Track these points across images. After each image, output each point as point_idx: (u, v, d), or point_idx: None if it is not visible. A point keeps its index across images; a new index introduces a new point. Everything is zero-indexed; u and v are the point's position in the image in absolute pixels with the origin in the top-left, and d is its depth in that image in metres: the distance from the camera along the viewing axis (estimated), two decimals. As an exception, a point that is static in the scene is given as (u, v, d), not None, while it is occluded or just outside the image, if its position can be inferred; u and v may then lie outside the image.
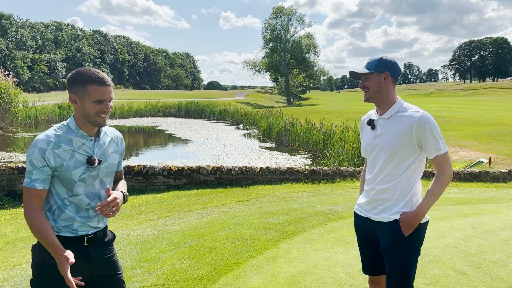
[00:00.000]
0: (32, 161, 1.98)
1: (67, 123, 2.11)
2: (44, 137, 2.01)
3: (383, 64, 2.42)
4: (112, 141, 2.24)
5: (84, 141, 2.09)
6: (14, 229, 7.14)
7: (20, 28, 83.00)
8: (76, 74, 2.06)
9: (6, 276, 4.19)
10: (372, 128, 2.50)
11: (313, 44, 66.29)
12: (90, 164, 2.07)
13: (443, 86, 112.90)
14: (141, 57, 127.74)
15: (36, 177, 1.98)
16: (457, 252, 4.64)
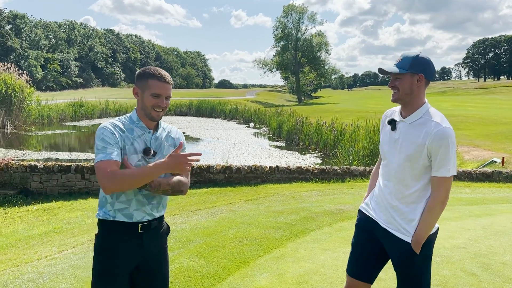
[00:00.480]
0: (104, 138, 2.08)
1: (130, 115, 2.26)
2: (109, 123, 2.15)
3: (419, 64, 2.21)
4: (169, 136, 2.32)
5: (143, 132, 2.20)
6: (26, 227, 7.25)
7: (33, 28, 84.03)
8: (142, 70, 2.23)
9: (18, 273, 4.26)
10: (392, 129, 2.36)
11: (325, 42, 65.98)
12: (146, 154, 2.17)
13: (457, 84, 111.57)
14: (152, 56, 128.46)
15: (111, 151, 2.06)
16: (467, 253, 4.59)
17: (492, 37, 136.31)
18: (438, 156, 2.16)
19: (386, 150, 2.39)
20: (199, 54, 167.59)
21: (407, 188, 2.27)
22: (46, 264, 4.48)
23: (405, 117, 2.30)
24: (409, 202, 2.28)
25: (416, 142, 2.21)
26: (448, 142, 2.15)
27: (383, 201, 2.39)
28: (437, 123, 2.18)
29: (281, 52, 64.86)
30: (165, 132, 2.32)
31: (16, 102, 23.10)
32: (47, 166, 9.57)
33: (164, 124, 2.36)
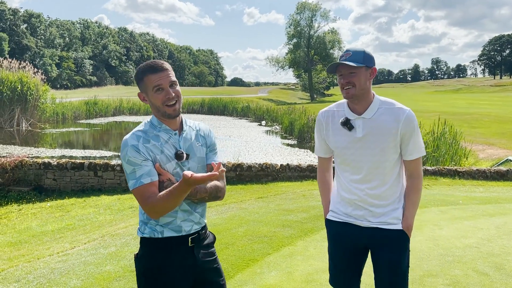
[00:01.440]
0: (129, 160, 1.89)
1: (150, 120, 2.05)
2: (132, 135, 1.95)
3: (369, 58, 2.19)
4: (198, 135, 2.11)
5: (169, 135, 2.00)
6: (39, 223, 7.36)
7: (48, 26, 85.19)
8: (136, 71, 2.02)
9: (30, 268, 4.33)
10: (350, 129, 2.23)
11: (337, 40, 65.54)
12: (178, 158, 1.98)
13: (472, 82, 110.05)
14: (165, 54, 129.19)
15: (140, 172, 1.88)
16: (479, 252, 4.52)
17: (508, 34, 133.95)
18: (412, 139, 2.19)
19: (351, 152, 2.26)
20: (211, 52, 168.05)
21: (385, 182, 2.25)
22: (57, 260, 4.54)
23: (361, 113, 2.23)
24: (390, 194, 2.27)
25: (387, 133, 2.18)
26: (416, 123, 2.21)
27: (359, 202, 2.29)
28: (401, 108, 2.20)
29: (293, 50, 64.64)
30: (193, 130, 2.11)
31: (31, 100, 23.46)
32: (60, 164, 9.69)
33: (190, 121, 2.16)
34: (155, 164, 1.93)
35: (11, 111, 22.73)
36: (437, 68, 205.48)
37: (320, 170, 2.53)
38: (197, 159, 2.06)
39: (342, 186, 2.35)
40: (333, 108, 2.34)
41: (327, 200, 2.48)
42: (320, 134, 2.39)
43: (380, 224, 2.27)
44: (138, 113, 36.87)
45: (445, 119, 14.90)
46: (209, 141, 2.16)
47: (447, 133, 12.69)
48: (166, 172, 1.95)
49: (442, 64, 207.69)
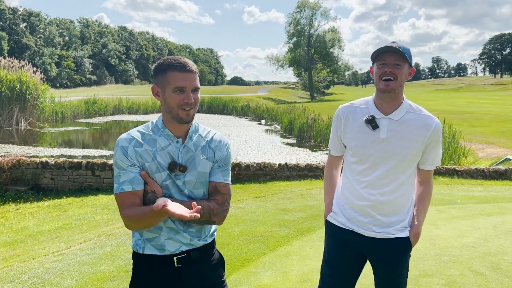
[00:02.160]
0: (116, 162, 1.75)
1: (155, 121, 1.86)
2: (126, 136, 1.79)
3: (411, 58, 2.06)
4: (207, 146, 1.85)
5: (169, 142, 1.79)
6: (36, 223, 7.35)
7: (48, 25, 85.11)
8: (159, 62, 1.81)
9: (25, 268, 4.31)
10: (374, 128, 2.07)
11: (338, 38, 65.44)
12: (170, 170, 1.75)
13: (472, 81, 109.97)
14: (165, 53, 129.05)
15: (124, 178, 1.73)
16: (476, 252, 4.50)
17: (509, 32, 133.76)
18: (434, 150, 2.12)
19: (370, 153, 2.10)
20: (211, 51, 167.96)
21: (398, 190, 2.11)
22: (52, 260, 4.53)
23: (388, 113, 2.08)
24: (400, 203, 2.14)
25: (413, 140, 2.05)
26: (441, 134, 2.13)
27: (367, 208, 2.14)
28: (430, 116, 2.09)
29: (293, 49, 64.55)
30: (203, 140, 1.86)
31: (30, 99, 23.43)
32: (58, 163, 9.67)
33: (203, 129, 1.90)
34: (142, 171, 1.75)
35: (10, 110, 22.72)
36: (437, 67, 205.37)
37: (329, 166, 2.40)
38: (197, 173, 1.81)
39: (350, 188, 2.19)
40: (356, 104, 2.19)
41: (331, 199, 2.34)
42: (336, 131, 2.24)
43: (384, 234, 2.14)
44: (138, 112, 36.85)
45: (445, 118, 14.87)
46: (219, 156, 1.88)
47: (447, 132, 12.65)
48: (153, 182, 1.74)
49: (443, 63, 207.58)
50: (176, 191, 1.78)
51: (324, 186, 2.42)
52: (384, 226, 2.14)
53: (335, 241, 2.28)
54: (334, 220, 2.27)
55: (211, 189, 1.85)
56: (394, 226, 2.14)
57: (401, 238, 2.15)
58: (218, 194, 1.84)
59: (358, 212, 2.16)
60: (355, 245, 2.21)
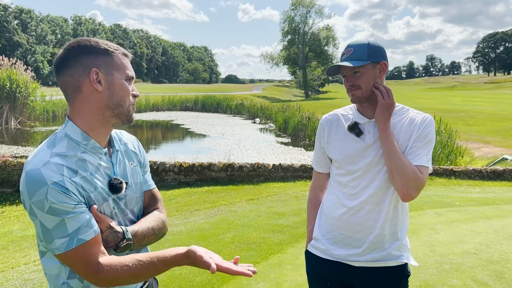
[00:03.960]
0: (53, 208, 1.18)
1: (64, 133, 1.30)
2: (47, 166, 1.19)
3: (375, 51, 1.80)
4: (128, 151, 1.50)
5: (98, 157, 1.34)
6: (21, 227, 7.08)
7: (40, 23, 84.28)
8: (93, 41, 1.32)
9: (2, 280, 4.06)
10: (358, 134, 1.86)
11: (332, 36, 65.41)
12: (116, 191, 1.35)
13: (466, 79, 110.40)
14: (159, 51, 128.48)
15: (76, 225, 1.21)
16: (478, 259, 4.30)
17: (502, 31, 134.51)
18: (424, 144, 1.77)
19: (356, 161, 1.85)
20: (206, 49, 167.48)
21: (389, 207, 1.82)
22: (32, 270, 4.28)
23: (372, 116, 1.85)
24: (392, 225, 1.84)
25: (401, 139, 1.80)
26: (433, 130, 1.83)
27: (352, 229, 1.85)
28: (418, 113, 1.85)
29: (288, 46, 64.40)
30: (121, 144, 1.48)
31: (20, 98, 23.00)
32: (45, 164, 9.39)
33: (114, 131, 1.49)
34: (91, 207, 1.27)
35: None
36: (431, 65, 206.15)
37: (313, 187, 2.09)
38: (135, 186, 1.45)
39: (334, 206, 1.90)
40: (339, 112, 1.98)
41: (313, 226, 2.02)
42: (320, 143, 2.00)
43: (374, 262, 1.84)
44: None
45: (441, 116, 14.72)
46: (142, 158, 1.55)
47: (443, 131, 12.49)
48: (104, 216, 1.30)
49: (437, 61, 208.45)
50: (122, 216, 1.40)
51: (307, 210, 2.09)
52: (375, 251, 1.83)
53: (317, 278, 1.98)
54: (314, 249, 1.96)
55: (148, 198, 1.52)
56: (387, 250, 1.84)
57: (394, 267, 1.85)
58: (157, 201, 1.54)
59: (343, 235, 1.86)
60: (341, 278, 1.90)
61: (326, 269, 1.91)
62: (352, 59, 1.79)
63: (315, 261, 1.95)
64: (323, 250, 1.91)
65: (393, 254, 1.84)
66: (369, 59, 1.78)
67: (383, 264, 1.84)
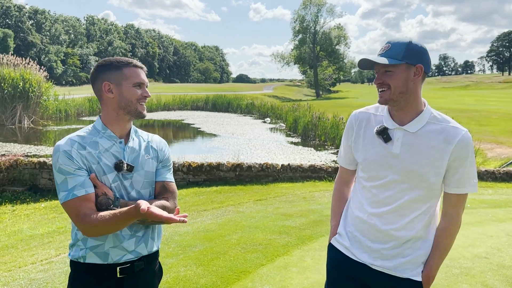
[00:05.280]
0: (61, 168, 1.65)
1: (93, 125, 1.82)
2: (66, 140, 1.71)
3: (415, 52, 1.68)
4: (149, 146, 1.89)
5: (112, 143, 1.77)
6: (31, 225, 7.13)
7: (53, 23, 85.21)
8: (107, 60, 1.80)
9: (9, 279, 4.07)
10: (386, 141, 1.75)
11: (343, 35, 64.99)
12: (118, 169, 1.73)
13: (480, 78, 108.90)
14: (171, 50, 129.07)
15: (73, 183, 1.64)
16: (489, 264, 4.20)
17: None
18: (462, 169, 1.69)
19: (381, 169, 1.77)
20: (217, 48, 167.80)
21: (411, 212, 1.75)
22: (39, 270, 4.29)
23: (403, 124, 1.74)
24: (413, 230, 1.76)
25: (431, 156, 1.68)
26: (473, 150, 1.71)
27: (374, 234, 1.80)
28: (456, 127, 1.69)
29: (298, 46, 64.16)
30: (144, 141, 1.89)
31: (33, 97, 23.25)
32: (56, 163, 9.47)
33: (142, 132, 1.94)
34: (91, 174, 1.69)
35: (13, 108, 22.55)
36: (444, 64, 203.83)
37: (338, 182, 2.05)
38: (144, 172, 1.81)
39: (358, 208, 1.87)
40: (371, 110, 1.88)
41: (338, 220, 2.00)
42: (347, 140, 1.92)
43: (393, 271, 1.78)
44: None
45: (453, 116, 14.47)
46: (162, 155, 1.92)
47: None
48: (102, 184, 1.70)
49: (450, 60, 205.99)
50: (124, 192, 1.77)
51: (332, 204, 2.08)
52: (395, 259, 1.78)
53: (334, 268, 1.95)
54: (338, 244, 1.94)
55: (159, 188, 1.87)
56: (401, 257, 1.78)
57: (413, 281, 1.77)
58: (167, 192, 1.86)
59: (362, 235, 1.83)
60: (360, 278, 1.86)
61: (347, 265, 1.89)
62: (386, 56, 1.70)
63: (337, 255, 1.93)
64: (347, 247, 1.90)
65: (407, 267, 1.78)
66: (403, 60, 1.67)
67: (398, 274, 1.78)
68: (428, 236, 1.79)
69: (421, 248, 1.78)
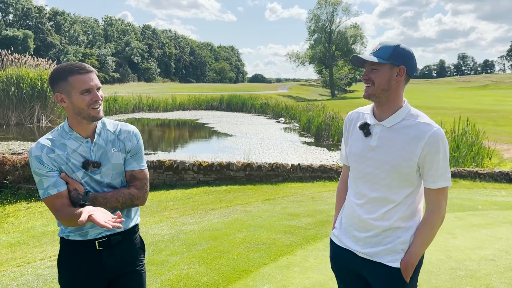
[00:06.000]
0: (35, 171, 1.89)
1: (61, 126, 1.98)
2: (37, 145, 1.91)
3: (400, 55, 1.84)
4: (117, 139, 2.02)
5: (79, 144, 1.94)
6: (44, 222, 7.29)
7: (72, 24, 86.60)
8: (55, 71, 1.92)
9: (17, 274, 4.18)
10: (366, 135, 1.93)
11: (360, 35, 64.45)
12: (85, 168, 1.92)
13: (500, 78, 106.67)
14: (187, 51, 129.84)
15: (47, 183, 1.88)
16: (495, 266, 4.14)
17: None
18: (435, 164, 1.81)
19: (360, 161, 1.96)
20: (232, 48, 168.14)
21: (389, 204, 1.88)
22: (47, 266, 4.39)
23: (382, 119, 1.90)
24: (390, 220, 1.89)
25: (403, 149, 1.82)
26: (445, 146, 1.82)
27: (357, 223, 1.97)
28: (428, 124, 1.82)
29: (314, 45, 63.88)
30: (112, 134, 2.02)
31: (51, 97, 23.71)
32: (69, 162, 9.64)
33: (110, 123, 2.06)
34: (61, 173, 1.90)
35: (31, 108, 23.04)
36: (463, 63, 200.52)
37: (341, 178, 2.24)
38: (111, 166, 1.99)
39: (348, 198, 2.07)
40: (362, 110, 2.08)
41: (336, 216, 2.20)
42: (344, 139, 2.13)
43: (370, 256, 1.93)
44: (158, 110, 37.01)
45: (468, 117, 14.27)
46: (129, 146, 2.05)
47: (469, 132, 12.09)
48: (73, 181, 1.91)
49: (469, 60, 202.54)
50: (96, 184, 1.96)
51: (336, 199, 2.29)
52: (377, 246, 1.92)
53: (333, 259, 2.13)
54: (333, 236, 2.13)
55: (129, 177, 2.04)
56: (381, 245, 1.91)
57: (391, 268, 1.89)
58: (136, 180, 2.04)
59: (350, 225, 2.01)
60: (352, 264, 2.02)
61: (340, 256, 2.05)
62: (375, 55, 1.87)
63: (333, 247, 2.11)
64: (337, 236, 2.08)
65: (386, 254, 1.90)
66: (389, 60, 1.83)
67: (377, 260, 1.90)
68: (409, 226, 1.90)
69: (401, 237, 1.89)
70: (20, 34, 66.79)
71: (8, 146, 15.97)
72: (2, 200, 8.76)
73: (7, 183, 9.25)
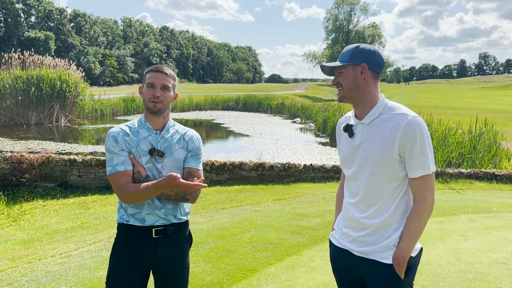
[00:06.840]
0: (109, 149, 2.14)
1: (140, 118, 2.30)
2: (116, 128, 2.22)
3: (359, 54, 1.93)
4: (182, 138, 2.28)
5: (149, 133, 2.22)
6: (58, 220, 7.42)
7: (92, 25, 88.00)
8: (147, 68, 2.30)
9: (27, 270, 4.26)
10: (350, 135, 1.99)
11: (378, 34, 63.84)
12: (151, 154, 2.17)
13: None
14: (204, 51, 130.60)
15: (117, 161, 2.12)
16: (507, 269, 4.05)
17: None
18: (414, 153, 1.83)
19: (349, 161, 2.01)
20: (250, 48, 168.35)
21: (379, 200, 1.91)
22: (57, 262, 4.47)
23: (361, 117, 1.96)
24: (380, 217, 1.91)
25: (383, 142, 1.86)
26: (422, 133, 1.83)
27: (352, 223, 2.00)
28: (404, 114, 1.86)
29: (331, 45, 63.52)
30: (178, 134, 2.30)
31: (70, 97, 24.13)
32: (85, 160, 9.80)
33: (179, 126, 2.35)
34: (130, 155, 2.15)
35: (50, 108, 23.47)
36: (485, 63, 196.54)
37: (340, 183, 2.31)
38: (173, 159, 2.22)
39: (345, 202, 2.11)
40: (348, 114, 2.14)
41: (335, 218, 2.25)
42: (338, 143, 2.19)
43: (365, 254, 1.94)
44: (174, 110, 37.26)
45: (488, 117, 13.97)
46: (191, 146, 2.30)
47: (486, 133, 11.83)
48: (138, 164, 2.15)
49: (491, 59, 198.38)
50: (156, 172, 2.18)
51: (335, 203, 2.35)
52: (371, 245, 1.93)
53: (333, 260, 2.15)
54: (332, 237, 2.17)
55: (186, 173, 2.22)
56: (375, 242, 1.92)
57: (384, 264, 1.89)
58: (191, 177, 2.19)
59: (345, 225, 2.05)
60: (348, 263, 2.04)
61: (339, 256, 2.07)
62: (338, 60, 1.99)
63: (332, 248, 2.15)
64: (335, 237, 2.12)
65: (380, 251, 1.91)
66: (350, 61, 1.94)
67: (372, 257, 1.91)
68: (401, 222, 1.91)
69: (394, 234, 1.90)
70: (41, 36, 68.22)
71: (27, 145, 16.31)
72: (19, 198, 8.96)
73: (24, 181, 9.45)
